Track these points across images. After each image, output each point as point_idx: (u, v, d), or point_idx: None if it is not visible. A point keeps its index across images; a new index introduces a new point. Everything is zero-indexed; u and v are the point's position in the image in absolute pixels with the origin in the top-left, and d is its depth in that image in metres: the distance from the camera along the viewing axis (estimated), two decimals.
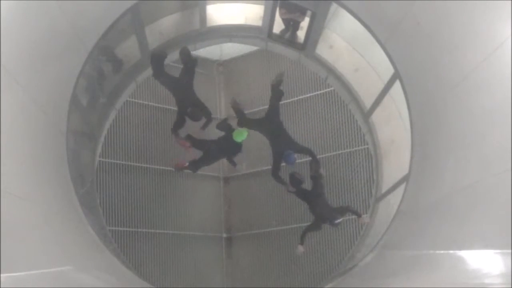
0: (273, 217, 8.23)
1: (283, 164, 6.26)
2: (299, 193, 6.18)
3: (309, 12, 6.26)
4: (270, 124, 6.19)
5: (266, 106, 6.26)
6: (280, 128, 6.20)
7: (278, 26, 6.76)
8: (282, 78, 6.29)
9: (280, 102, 6.31)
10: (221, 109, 8.97)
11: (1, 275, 2.23)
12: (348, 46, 6.98)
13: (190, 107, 6.08)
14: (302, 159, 7.31)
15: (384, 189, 6.43)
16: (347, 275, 5.36)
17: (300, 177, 6.10)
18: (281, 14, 6.47)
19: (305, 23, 6.57)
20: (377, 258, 4.70)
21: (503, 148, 2.67)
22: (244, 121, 6.31)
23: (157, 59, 6.01)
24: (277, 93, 6.21)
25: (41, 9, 3.47)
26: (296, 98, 8.30)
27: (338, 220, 5.71)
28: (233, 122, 6.43)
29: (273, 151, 6.21)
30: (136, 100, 8.00)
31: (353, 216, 7.44)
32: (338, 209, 6.13)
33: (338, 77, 7.10)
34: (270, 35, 6.80)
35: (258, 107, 8.33)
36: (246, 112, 6.67)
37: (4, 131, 2.86)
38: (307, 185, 6.22)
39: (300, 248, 6.19)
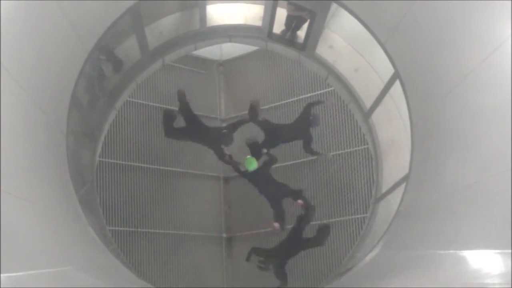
0: (273, 217, 8.21)
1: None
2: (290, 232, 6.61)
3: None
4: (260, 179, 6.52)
5: (266, 107, 6.27)
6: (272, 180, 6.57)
7: (278, 26, 6.75)
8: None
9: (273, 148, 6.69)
10: (221, 109, 8.97)
11: (1, 275, 2.23)
12: (348, 46, 6.98)
13: (212, 138, 6.38)
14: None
15: (384, 189, 6.43)
16: (347, 275, 5.36)
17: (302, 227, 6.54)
18: (289, 11, 6.46)
19: (305, 23, 6.57)
20: (377, 258, 4.69)
21: (503, 148, 2.67)
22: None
23: (169, 117, 6.32)
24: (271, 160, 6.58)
25: (41, 9, 3.47)
26: (296, 98, 8.28)
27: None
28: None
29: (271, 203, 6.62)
30: (136, 100, 8.00)
31: (353, 217, 7.49)
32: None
33: (338, 77, 7.10)
34: (270, 35, 6.79)
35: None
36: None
37: (4, 131, 2.86)
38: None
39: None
